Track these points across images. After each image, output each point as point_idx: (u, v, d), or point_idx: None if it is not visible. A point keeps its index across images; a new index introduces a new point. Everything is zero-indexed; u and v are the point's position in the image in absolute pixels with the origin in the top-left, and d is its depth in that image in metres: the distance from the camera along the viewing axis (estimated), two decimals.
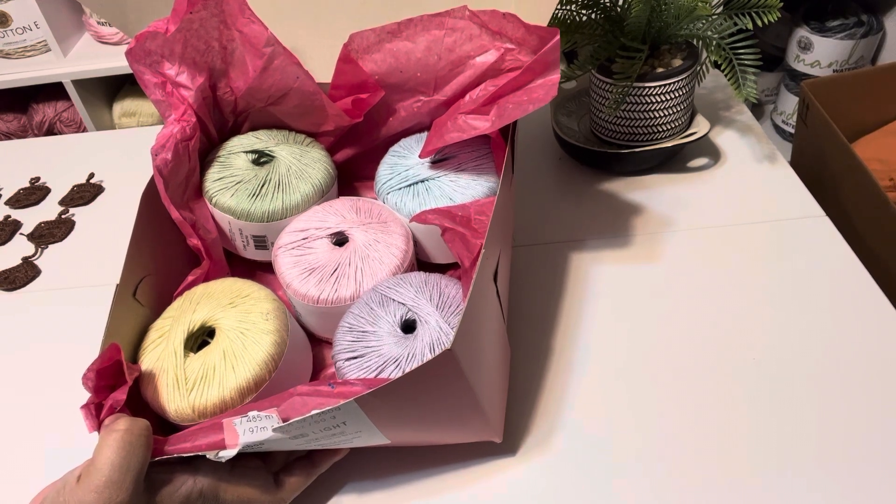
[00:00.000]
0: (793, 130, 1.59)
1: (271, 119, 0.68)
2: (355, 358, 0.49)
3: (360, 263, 0.56)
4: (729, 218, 0.69)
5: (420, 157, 0.62)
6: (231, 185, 0.61)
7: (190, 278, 0.58)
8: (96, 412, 0.44)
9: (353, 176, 0.73)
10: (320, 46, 0.65)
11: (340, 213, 0.60)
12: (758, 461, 0.50)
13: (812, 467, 0.49)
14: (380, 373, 0.47)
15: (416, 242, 0.61)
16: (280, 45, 0.61)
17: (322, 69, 0.64)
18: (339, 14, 0.66)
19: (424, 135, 0.65)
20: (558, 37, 0.52)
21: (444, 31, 0.60)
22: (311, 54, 0.65)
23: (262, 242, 0.63)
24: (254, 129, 0.68)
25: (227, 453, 0.42)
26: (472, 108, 0.58)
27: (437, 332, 0.49)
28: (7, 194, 0.87)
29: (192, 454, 0.43)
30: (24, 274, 0.73)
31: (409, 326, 0.51)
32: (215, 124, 0.66)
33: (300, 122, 0.68)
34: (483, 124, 0.56)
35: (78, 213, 0.82)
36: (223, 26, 0.61)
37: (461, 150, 0.62)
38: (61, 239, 0.78)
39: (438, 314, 0.50)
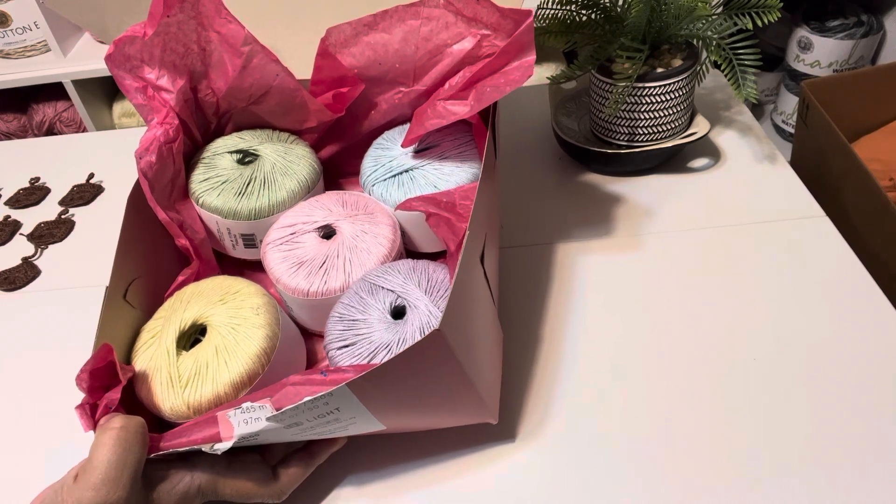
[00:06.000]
0: (793, 130, 1.58)
1: (254, 119, 0.68)
2: (347, 346, 0.49)
3: (349, 255, 0.56)
4: (729, 218, 0.69)
5: (402, 146, 0.63)
6: (217, 185, 0.62)
7: (180, 279, 0.58)
8: (91, 412, 0.44)
9: (338, 172, 0.73)
10: (299, 43, 0.65)
11: (327, 206, 0.60)
12: (754, 456, 0.50)
13: (811, 467, 0.48)
14: (371, 359, 0.48)
15: (403, 233, 0.61)
16: (258, 43, 0.61)
17: (301, 66, 0.65)
18: (316, 10, 0.66)
19: (407, 126, 0.66)
20: (532, 18, 0.52)
21: (419, 20, 0.60)
22: (290, 52, 0.65)
23: (250, 241, 0.63)
24: (237, 130, 0.68)
25: (223, 446, 0.42)
26: (450, 94, 0.59)
27: (426, 316, 0.49)
28: (7, 194, 0.86)
29: (188, 449, 0.43)
30: (23, 274, 0.73)
31: (398, 312, 0.51)
32: (199, 126, 0.66)
33: (283, 121, 0.68)
34: (462, 109, 0.57)
35: (78, 214, 0.82)
36: (200, 28, 0.62)
37: (444, 139, 0.63)
38: (61, 239, 0.78)
39: (427, 298, 0.50)
